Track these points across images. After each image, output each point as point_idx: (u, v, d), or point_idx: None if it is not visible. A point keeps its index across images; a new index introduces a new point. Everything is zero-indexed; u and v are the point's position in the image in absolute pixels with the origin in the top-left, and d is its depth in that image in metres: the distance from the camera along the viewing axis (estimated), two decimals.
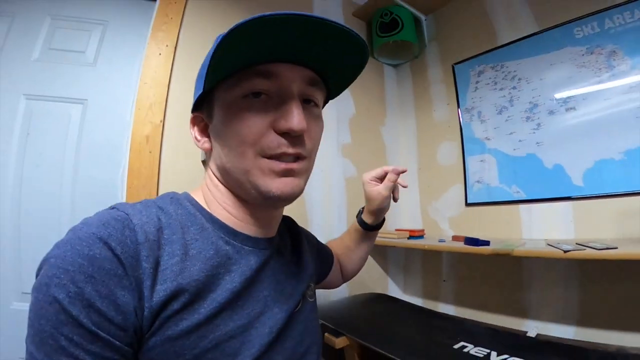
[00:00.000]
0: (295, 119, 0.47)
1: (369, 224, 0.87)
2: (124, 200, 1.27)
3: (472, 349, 1.03)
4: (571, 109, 1.42)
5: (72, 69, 1.40)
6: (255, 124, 0.49)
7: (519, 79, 1.58)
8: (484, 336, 1.14)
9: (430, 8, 1.97)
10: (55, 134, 1.37)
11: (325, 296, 1.53)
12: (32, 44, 1.37)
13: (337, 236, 1.01)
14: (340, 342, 1.18)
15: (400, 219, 1.96)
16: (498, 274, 1.55)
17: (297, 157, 0.51)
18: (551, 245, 1.18)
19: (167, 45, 1.35)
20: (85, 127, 1.40)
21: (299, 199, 0.63)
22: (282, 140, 0.49)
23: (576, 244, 1.16)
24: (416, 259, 1.89)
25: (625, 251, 1.03)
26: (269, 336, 0.51)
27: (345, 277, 0.96)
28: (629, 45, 1.31)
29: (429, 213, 1.87)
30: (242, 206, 0.55)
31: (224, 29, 0.40)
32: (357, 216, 0.92)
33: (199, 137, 0.55)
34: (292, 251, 0.67)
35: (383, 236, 1.70)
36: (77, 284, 0.37)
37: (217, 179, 0.55)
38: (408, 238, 1.65)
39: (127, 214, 0.44)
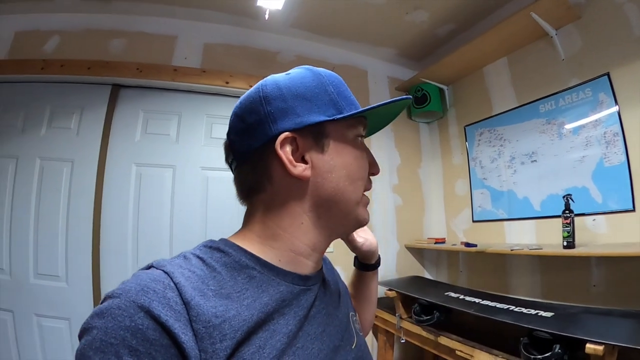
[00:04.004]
0: (378, 167, 0.60)
1: (361, 262, 0.87)
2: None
3: (466, 297, 1.89)
4: (534, 161, 2.14)
5: (164, 146, 2.21)
6: (367, 163, 0.58)
7: (504, 140, 2.33)
8: (475, 293, 1.97)
9: (450, 81, 2.76)
10: (155, 189, 2.13)
11: (382, 276, 2.47)
12: (134, 130, 2.17)
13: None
14: (391, 293, 2.09)
15: (432, 230, 2.82)
16: (492, 265, 2.32)
17: None
18: (517, 247, 1.97)
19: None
20: (176, 184, 2.16)
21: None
22: (369, 179, 0.60)
23: (528, 248, 1.96)
24: (443, 257, 2.73)
25: (545, 250, 1.80)
26: None
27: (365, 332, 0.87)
28: (572, 118, 1.95)
29: (451, 226, 2.72)
30: (312, 239, 0.55)
31: None
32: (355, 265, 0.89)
33: (295, 162, 0.51)
34: (331, 280, 0.66)
35: (420, 242, 2.61)
36: (121, 358, 0.34)
37: (302, 211, 0.54)
38: (434, 243, 2.50)
39: (166, 273, 0.42)
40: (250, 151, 0.54)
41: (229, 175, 0.61)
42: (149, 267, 0.45)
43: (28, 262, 1.97)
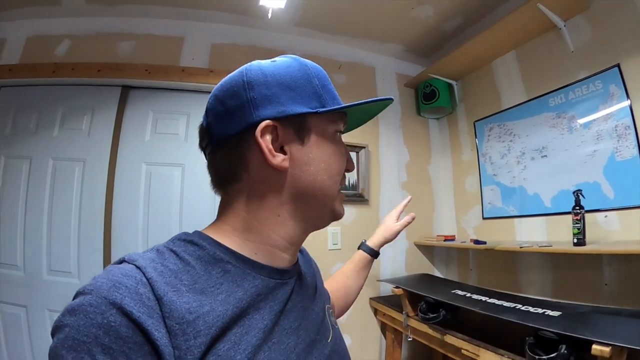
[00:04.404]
0: (353, 163, 0.60)
1: (377, 252, 1.03)
2: None
3: (473, 295, 1.86)
4: (544, 156, 2.08)
5: (173, 145, 2.23)
6: (345, 158, 0.58)
7: (514, 135, 2.28)
8: (482, 291, 1.93)
9: (458, 76, 2.71)
10: (165, 188, 2.17)
11: (391, 274, 2.47)
12: (143, 130, 2.20)
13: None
14: (397, 291, 2.07)
15: (442, 227, 2.78)
16: (502, 263, 2.28)
17: None
18: (526, 245, 1.92)
19: None
20: (185, 182, 2.20)
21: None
22: (344, 175, 0.59)
23: (538, 245, 1.91)
24: (453, 254, 2.70)
25: (555, 248, 1.75)
26: None
27: (339, 313, 0.94)
28: (582, 111, 1.88)
29: (461, 223, 2.67)
30: (289, 233, 0.54)
31: None
32: (360, 247, 1.04)
33: (274, 151, 0.50)
34: (307, 273, 0.66)
35: (429, 239, 2.57)
36: (94, 356, 0.34)
37: (279, 203, 0.53)
38: (444, 240, 2.47)
39: (138, 267, 0.41)
40: (228, 136, 0.52)
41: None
42: (120, 261, 0.44)
43: (41, 259, 2.03)
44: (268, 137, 0.50)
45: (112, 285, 0.38)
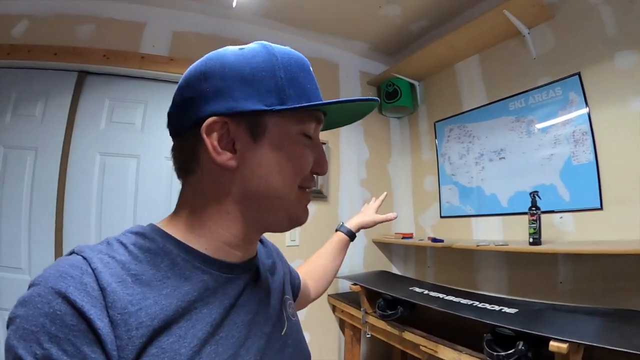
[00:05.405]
0: (326, 166, 0.57)
1: (354, 234, 1.08)
2: None
3: (430, 292, 1.87)
4: (503, 158, 2.14)
5: (129, 135, 2.11)
6: (309, 162, 0.53)
7: (473, 136, 2.33)
8: (439, 288, 1.96)
9: (421, 77, 2.74)
10: (119, 180, 2.06)
11: (349, 270, 2.44)
12: (99, 118, 2.06)
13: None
14: (355, 288, 2.04)
15: (400, 225, 2.80)
16: (459, 261, 2.33)
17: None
18: (483, 244, 1.96)
19: None
20: (140, 174, 2.11)
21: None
22: (312, 177, 0.56)
23: (495, 244, 1.96)
24: (411, 252, 2.72)
25: (511, 246, 1.81)
26: None
27: (316, 294, 0.98)
28: (541, 116, 1.95)
29: (419, 222, 2.71)
30: (240, 231, 0.53)
31: None
32: (339, 229, 1.09)
33: (219, 149, 0.48)
34: (266, 265, 0.67)
35: (388, 237, 2.58)
36: (42, 345, 0.34)
37: (227, 202, 0.51)
38: (402, 238, 2.49)
39: (85, 258, 0.41)
40: (182, 129, 0.52)
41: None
42: (70, 253, 0.45)
43: None
44: (215, 134, 0.48)
45: (59, 276, 0.39)
